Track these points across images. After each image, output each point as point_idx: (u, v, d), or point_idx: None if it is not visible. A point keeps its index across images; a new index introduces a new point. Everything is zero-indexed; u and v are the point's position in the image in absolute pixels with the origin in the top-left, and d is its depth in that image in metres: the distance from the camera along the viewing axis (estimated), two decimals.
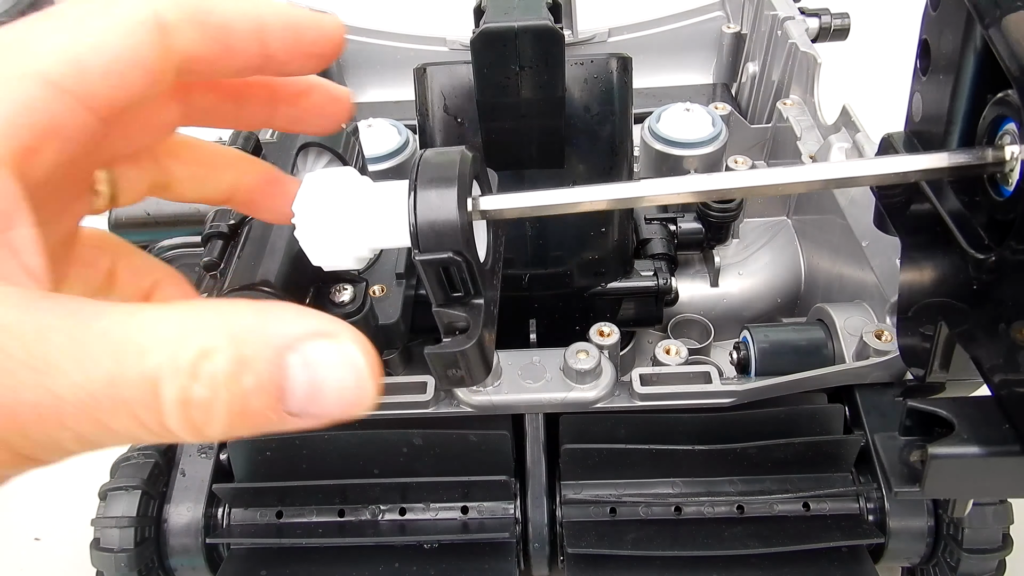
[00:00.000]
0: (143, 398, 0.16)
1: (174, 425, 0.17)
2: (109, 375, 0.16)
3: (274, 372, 0.17)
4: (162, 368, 0.16)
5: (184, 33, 0.21)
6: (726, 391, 0.43)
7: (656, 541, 0.41)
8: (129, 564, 0.42)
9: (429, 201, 0.22)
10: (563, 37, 0.38)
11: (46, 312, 0.17)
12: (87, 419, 0.16)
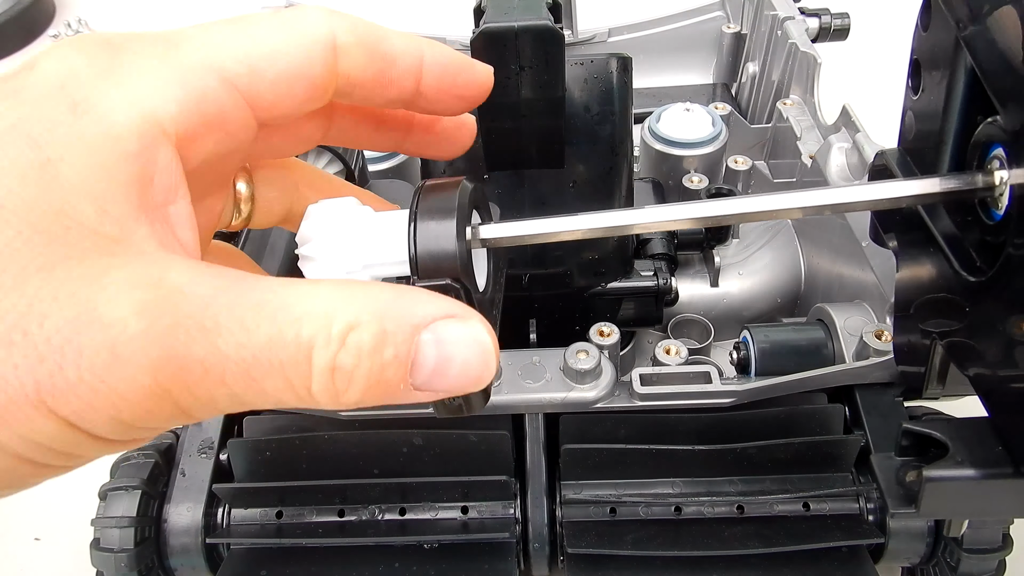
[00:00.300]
0: (296, 362, 0.18)
1: (317, 389, 0.19)
2: (269, 338, 0.18)
3: (409, 347, 0.19)
4: (316, 337, 0.18)
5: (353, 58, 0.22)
6: (726, 391, 0.43)
7: (656, 541, 0.41)
8: (129, 564, 0.42)
9: (428, 231, 0.22)
10: (563, 37, 0.38)
11: (212, 278, 0.19)
12: (245, 378, 0.18)
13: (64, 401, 0.17)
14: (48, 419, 0.17)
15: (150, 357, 0.17)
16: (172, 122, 0.20)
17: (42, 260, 0.17)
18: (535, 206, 0.46)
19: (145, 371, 0.17)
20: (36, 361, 0.17)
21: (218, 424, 0.46)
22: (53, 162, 0.18)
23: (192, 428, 0.46)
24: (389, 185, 0.55)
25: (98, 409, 0.17)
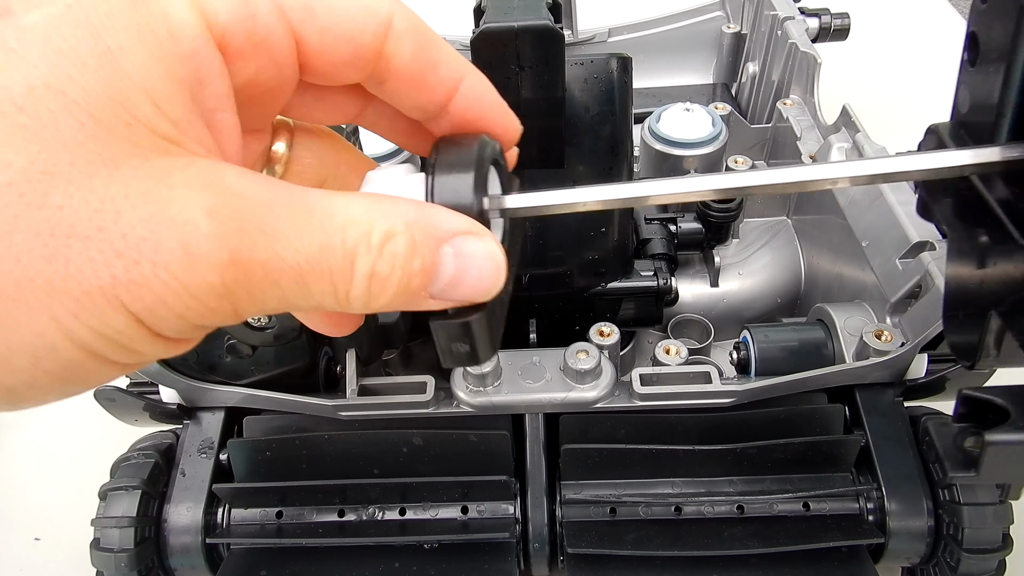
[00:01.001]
0: (342, 268, 0.20)
1: (356, 294, 0.20)
2: (320, 246, 0.19)
3: (434, 258, 0.21)
4: (359, 245, 0.20)
5: (402, 45, 0.23)
6: (726, 391, 0.43)
7: (656, 541, 0.41)
8: (129, 564, 0.42)
9: (445, 184, 0.23)
10: (563, 37, 0.38)
11: (264, 186, 0.19)
12: (297, 281, 0.19)
13: (137, 296, 0.17)
14: (119, 312, 0.18)
15: (220, 258, 0.18)
16: (222, 28, 0.20)
17: (107, 155, 0.17)
18: None
19: (215, 271, 0.18)
20: (113, 256, 0.17)
21: (218, 424, 0.46)
22: (113, 52, 0.18)
23: (192, 428, 0.47)
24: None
25: (169, 306, 0.18)
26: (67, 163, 0.17)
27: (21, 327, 0.17)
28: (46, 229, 0.17)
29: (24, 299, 0.17)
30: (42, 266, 0.17)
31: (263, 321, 0.39)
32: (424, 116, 0.25)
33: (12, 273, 0.17)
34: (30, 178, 0.17)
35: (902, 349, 0.43)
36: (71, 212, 0.17)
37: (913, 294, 0.45)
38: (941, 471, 0.42)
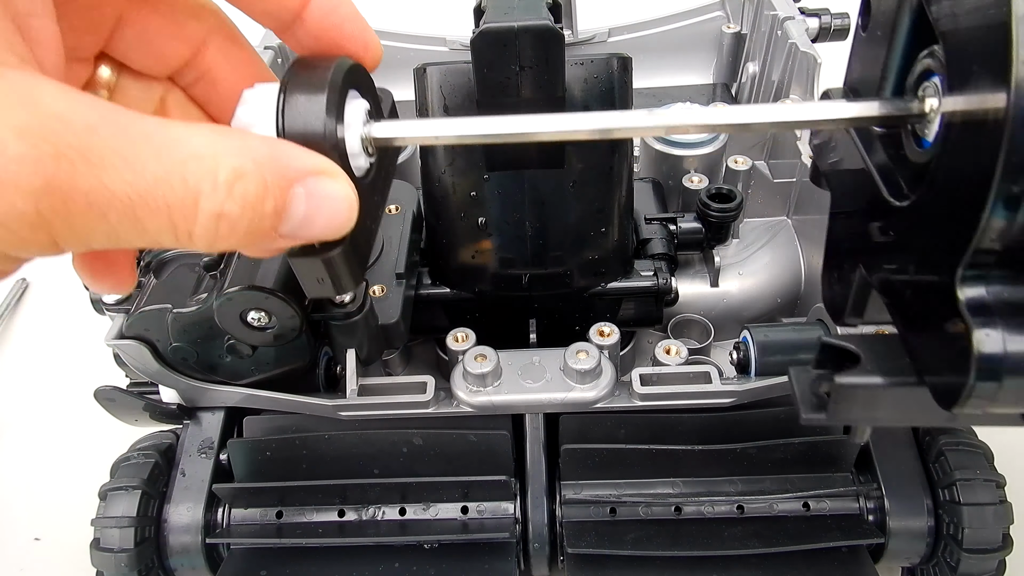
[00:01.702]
0: (183, 206, 0.18)
1: (199, 233, 0.19)
2: (156, 179, 0.18)
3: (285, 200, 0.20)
4: (203, 182, 0.18)
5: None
6: (726, 391, 0.43)
7: (656, 541, 0.41)
8: (129, 564, 0.42)
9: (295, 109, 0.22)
10: (563, 37, 0.38)
11: (89, 107, 0.17)
12: (128, 216, 0.18)
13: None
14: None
15: (32, 185, 0.16)
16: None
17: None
18: (535, 206, 0.46)
19: (26, 198, 0.17)
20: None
21: (218, 424, 0.46)
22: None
23: (192, 428, 0.47)
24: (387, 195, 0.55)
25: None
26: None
27: None
28: None
29: None
30: None
31: (263, 321, 0.39)
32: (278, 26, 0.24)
33: None
34: None
35: None
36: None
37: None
38: (940, 470, 0.42)
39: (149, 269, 0.45)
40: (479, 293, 0.50)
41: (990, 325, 0.22)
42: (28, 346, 0.71)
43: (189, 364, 0.44)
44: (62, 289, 0.75)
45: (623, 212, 0.49)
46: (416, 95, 0.45)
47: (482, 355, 0.44)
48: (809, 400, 0.29)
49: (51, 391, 0.66)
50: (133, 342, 0.42)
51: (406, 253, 0.48)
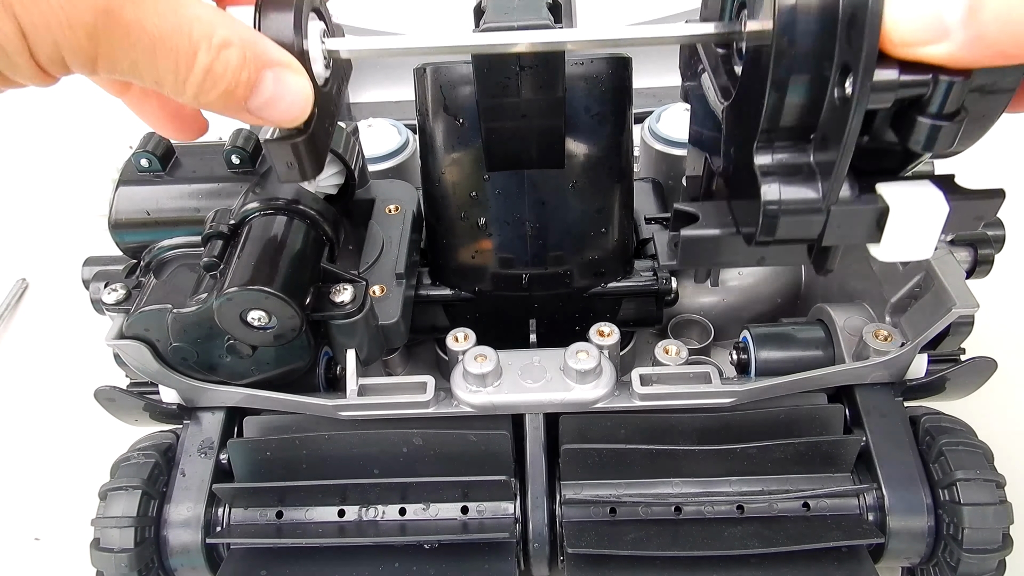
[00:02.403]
0: (186, 54, 0.25)
1: (192, 82, 0.26)
2: (172, 27, 0.25)
3: (257, 77, 0.27)
4: (202, 41, 0.25)
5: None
6: (726, 391, 0.43)
7: (656, 541, 0.41)
8: (129, 564, 0.42)
9: (269, 23, 0.29)
10: None
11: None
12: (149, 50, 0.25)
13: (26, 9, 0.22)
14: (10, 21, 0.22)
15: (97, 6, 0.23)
16: None
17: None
18: (535, 206, 0.46)
19: (90, 12, 0.23)
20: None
21: (218, 424, 0.46)
22: None
23: (192, 428, 0.47)
24: (390, 185, 0.55)
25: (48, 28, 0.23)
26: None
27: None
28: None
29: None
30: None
31: (263, 321, 0.39)
32: None
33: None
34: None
35: (902, 349, 0.43)
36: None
37: (913, 294, 0.45)
38: (940, 470, 0.42)
39: (149, 269, 0.45)
40: (479, 293, 0.50)
41: (771, 181, 0.30)
42: (28, 346, 0.71)
43: (189, 364, 0.44)
44: (62, 289, 0.75)
45: (623, 212, 0.49)
46: (416, 95, 0.45)
47: (482, 355, 0.44)
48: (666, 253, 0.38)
49: (51, 391, 0.66)
50: (133, 342, 0.42)
51: (406, 253, 0.48)
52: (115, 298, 0.45)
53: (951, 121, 0.27)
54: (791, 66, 0.28)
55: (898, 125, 0.28)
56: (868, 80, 0.25)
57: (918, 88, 0.26)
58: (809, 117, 0.30)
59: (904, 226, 0.30)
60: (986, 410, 0.51)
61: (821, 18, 0.27)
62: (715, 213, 0.36)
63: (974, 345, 0.47)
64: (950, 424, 0.44)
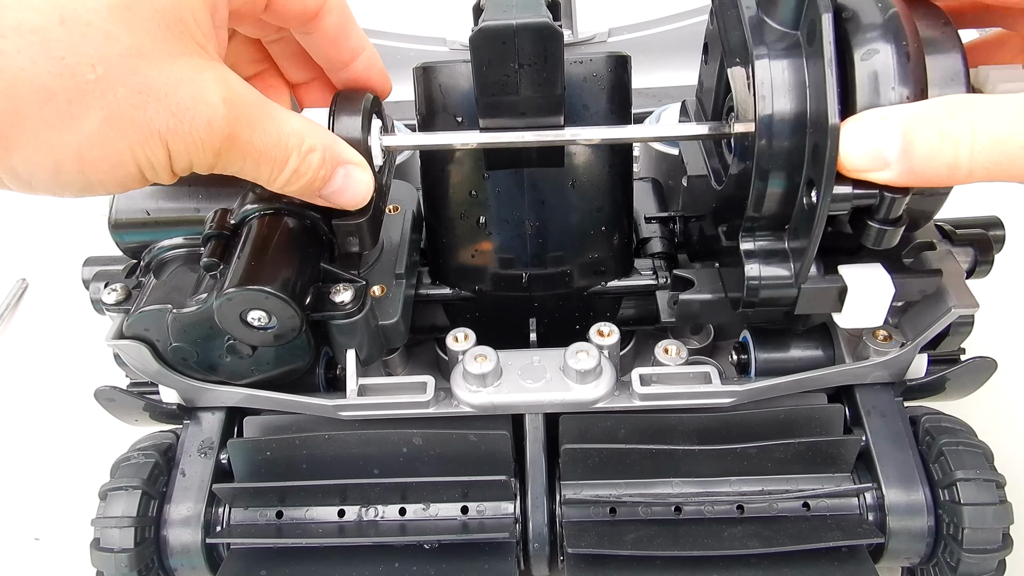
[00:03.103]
0: (281, 160, 0.33)
1: (281, 178, 0.33)
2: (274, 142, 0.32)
3: (332, 173, 0.35)
4: (294, 150, 0.33)
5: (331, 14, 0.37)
6: (726, 391, 0.43)
7: (656, 541, 0.41)
8: (129, 564, 0.42)
9: (342, 124, 0.37)
10: (562, 35, 0.38)
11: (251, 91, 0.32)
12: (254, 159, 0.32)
13: (175, 140, 0.29)
14: (163, 149, 0.29)
15: (224, 131, 0.30)
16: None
17: (170, 49, 0.28)
18: (535, 205, 0.46)
19: (219, 138, 0.30)
20: (169, 115, 0.28)
21: (218, 424, 0.46)
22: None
23: (192, 428, 0.47)
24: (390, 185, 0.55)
25: (188, 152, 0.29)
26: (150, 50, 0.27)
27: (109, 146, 0.28)
28: (137, 87, 0.27)
29: (117, 128, 0.27)
30: (131, 111, 0.27)
31: (263, 321, 0.39)
32: (328, 67, 0.39)
33: (114, 111, 0.27)
34: (131, 54, 0.27)
35: (902, 349, 0.43)
36: (151, 81, 0.27)
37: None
38: (940, 470, 0.42)
39: (149, 269, 0.45)
40: (479, 293, 0.50)
41: (754, 262, 0.38)
42: (28, 346, 0.71)
43: (189, 364, 0.44)
44: (62, 289, 0.75)
45: (623, 211, 0.49)
46: (416, 95, 0.45)
47: (482, 355, 0.44)
48: (667, 311, 0.50)
49: (51, 391, 0.66)
50: (133, 342, 0.42)
51: (406, 253, 0.48)
52: (115, 298, 0.45)
53: (894, 226, 0.33)
54: (770, 162, 0.35)
55: (854, 224, 0.35)
56: (828, 195, 0.32)
57: (868, 200, 0.33)
58: (787, 206, 0.36)
59: (859, 302, 0.38)
60: (986, 410, 0.51)
61: (792, 130, 0.34)
62: (708, 279, 0.44)
63: (974, 345, 0.47)
64: (950, 424, 0.44)
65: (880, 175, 0.31)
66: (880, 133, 0.30)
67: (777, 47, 0.34)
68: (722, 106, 0.43)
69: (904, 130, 0.30)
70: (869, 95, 0.32)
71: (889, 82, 0.31)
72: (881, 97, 0.31)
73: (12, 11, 0.25)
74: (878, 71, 0.31)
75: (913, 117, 0.30)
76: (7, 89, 0.25)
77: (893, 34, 0.31)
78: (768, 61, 0.34)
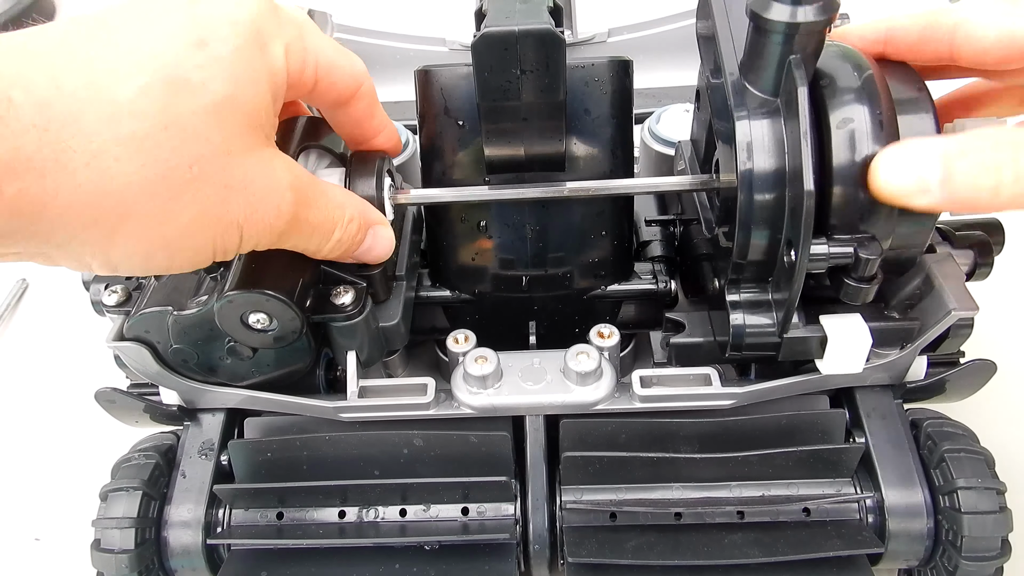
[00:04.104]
0: (328, 231, 0.37)
1: (327, 247, 0.37)
2: (325, 217, 0.36)
3: (365, 236, 0.39)
4: (338, 221, 0.37)
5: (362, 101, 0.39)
6: (726, 393, 0.43)
7: (657, 549, 0.41)
8: (130, 565, 0.42)
9: (358, 183, 0.41)
10: (564, 41, 0.38)
11: (307, 175, 0.35)
12: (308, 233, 0.36)
13: (248, 228, 0.32)
14: (237, 235, 0.32)
15: (290, 214, 0.33)
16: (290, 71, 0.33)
17: (248, 144, 0.31)
18: (535, 208, 0.46)
19: (286, 221, 0.33)
20: (246, 205, 0.31)
21: (218, 425, 0.47)
22: (254, 81, 0.31)
23: (193, 429, 0.47)
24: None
25: (259, 236, 0.33)
26: (235, 148, 0.30)
27: (197, 237, 0.30)
28: (224, 183, 0.30)
29: (205, 221, 0.30)
30: (218, 206, 0.30)
31: (263, 323, 0.39)
32: (350, 141, 0.42)
33: (204, 206, 0.30)
34: (220, 152, 0.29)
35: (902, 352, 0.43)
36: (235, 177, 0.30)
37: (913, 296, 0.45)
38: (941, 476, 0.42)
39: None
40: (479, 295, 0.51)
41: (739, 312, 0.41)
42: (28, 346, 0.71)
43: (189, 366, 0.44)
44: (62, 290, 0.75)
45: (623, 214, 0.49)
46: (417, 97, 0.45)
47: (482, 357, 0.44)
48: (662, 353, 0.52)
49: (51, 391, 0.66)
50: (133, 344, 0.42)
51: (407, 254, 0.48)
52: (115, 300, 0.45)
53: (869, 284, 0.36)
54: (751, 216, 0.37)
55: (832, 279, 0.37)
56: (806, 254, 0.34)
57: (844, 259, 0.35)
58: (770, 254, 0.38)
59: (839, 350, 0.40)
60: (985, 411, 0.51)
61: (772, 186, 0.36)
62: (699, 323, 0.47)
63: (974, 347, 0.47)
64: (952, 429, 0.44)
65: (920, 201, 0.32)
66: (922, 160, 0.31)
67: (758, 111, 0.36)
68: (712, 155, 0.43)
69: (946, 159, 0.31)
70: (845, 156, 0.34)
71: (864, 146, 0.34)
72: (855, 157, 0.34)
73: (125, 121, 0.27)
74: (854, 133, 0.34)
75: (956, 147, 0.31)
76: (119, 192, 0.27)
77: (868, 99, 0.34)
78: (748, 121, 0.36)
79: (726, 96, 0.37)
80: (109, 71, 0.27)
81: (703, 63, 0.43)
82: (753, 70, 0.36)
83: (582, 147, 0.44)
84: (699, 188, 0.44)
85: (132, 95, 0.27)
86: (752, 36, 0.36)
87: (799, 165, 0.33)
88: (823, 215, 0.35)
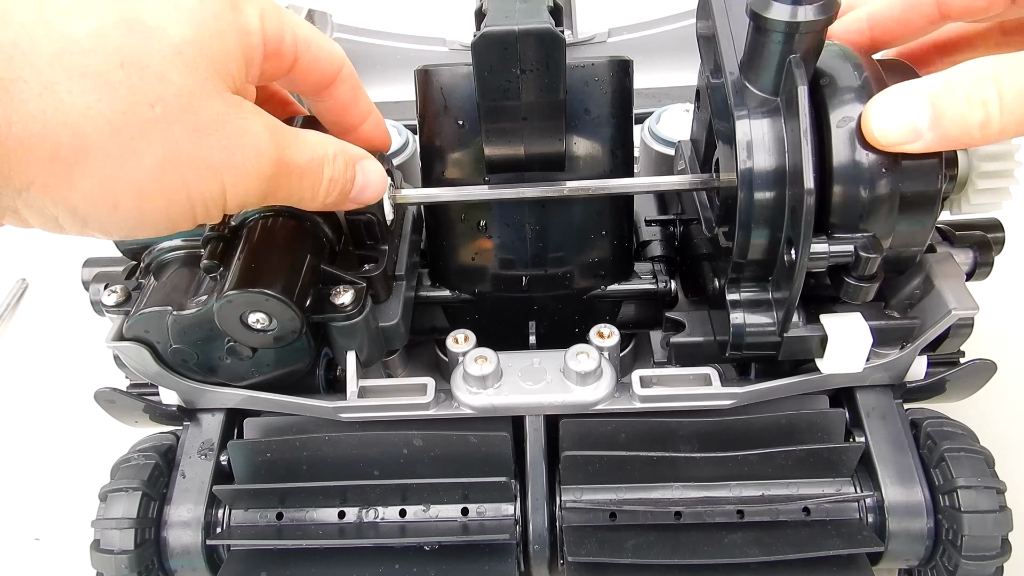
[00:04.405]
0: (318, 172, 0.35)
1: (322, 192, 0.35)
2: (310, 157, 0.34)
3: (355, 172, 0.37)
4: (324, 159, 0.35)
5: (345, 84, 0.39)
6: (726, 392, 0.43)
7: (656, 548, 0.41)
8: (129, 566, 0.42)
9: None
10: (564, 41, 0.38)
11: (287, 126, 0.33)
12: (298, 177, 0.34)
13: (229, 174, 0.30)
14: (218, 183, 0.30)
15: (272, 156, 0.32)
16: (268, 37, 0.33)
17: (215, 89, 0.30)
18: (535, 208, 0.46)
19: (270, 164, 0.32)
20: (221, 148, 0.30)
21: (218, 425, 0.46)
22: (223, 35, 0.30)
23: (192, 429, 0.47)
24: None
25: (243, 184, 0.31)
26: (200, 89, 0.29)
27: (167, 182, 0.29)
28: (192, 125, 0.29)
29: (175, 164, 0.29)
30: (188, 147, 0.29)
31: (263, 323, 0.39)
32: (336, 130, 0.40)
33: (173, 148, 0.28)
34: (183, 93, 0.28)
35: (902, 352, 0.43)
36: (203, 118, 0.29)
37: (913, 296, 0.45)
38: (941, 476, 0.42)
39: (149, 271, 0.45)
40: (479, 294, 0.50)
41: (739, 311, 0.41)
42: (28, 346, 0.71)
43: (189, 366, 0.44)
44: (62, 289, 0.75)
45: (623, 214, 0.49)
46: (417, 97, 0.45)
47: (482, 357, 0.44)
48: (662, 352, 0.52)
49: (51, 391, 0.66)
50: (133, 344, 0.42)
51: (406, 254, 0.48)
52: (115, 300, 0.45)
53: (870, 282, 0.36)
54: (751, 215, 0.37)
55: (832, 278, 0.37)
56: (807, 253, 0.34)
57: (844, 258, 0.35)
58: (770, 253, 0.38)
59: (839, 350, 0.40)
60: (985, 411, 0.51)
61: (772, 185, 0.36)
62: (699, 322, 0.46)
63: (974, 347, 0.47)
64: (952, 429, 0.44)
65: (914, 146, 0.32)
66: (909, 105, 0.32)
67: (758, 111, 0.36)
68: (712, 155, 0.43)
69: (932, 99, 0.31)
70: (845, 155, 0.34)
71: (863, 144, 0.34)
72: (856, 156, 0.34)
73: (77, 56, 0.26)
74: (854, 131, 0.34)
75: (939, 86, 0.31)
76: (76, 125, 0.27)
77: (868, 97, 0.34)
78: (748, 121, 0.36)
79: (726, 95, 0.37)
80: (62, 10, 0.27)
81: (703, 63, 0.43)
82: (753, 69, 0.36)
83: (582, 147, 0.44)
84: (699, 187, 0.44)
85: (84, 32, 0.27)
86: (752, 36, 0.36)
87: (799, 164, 0.33)
88: (823, 214, 0.35)
